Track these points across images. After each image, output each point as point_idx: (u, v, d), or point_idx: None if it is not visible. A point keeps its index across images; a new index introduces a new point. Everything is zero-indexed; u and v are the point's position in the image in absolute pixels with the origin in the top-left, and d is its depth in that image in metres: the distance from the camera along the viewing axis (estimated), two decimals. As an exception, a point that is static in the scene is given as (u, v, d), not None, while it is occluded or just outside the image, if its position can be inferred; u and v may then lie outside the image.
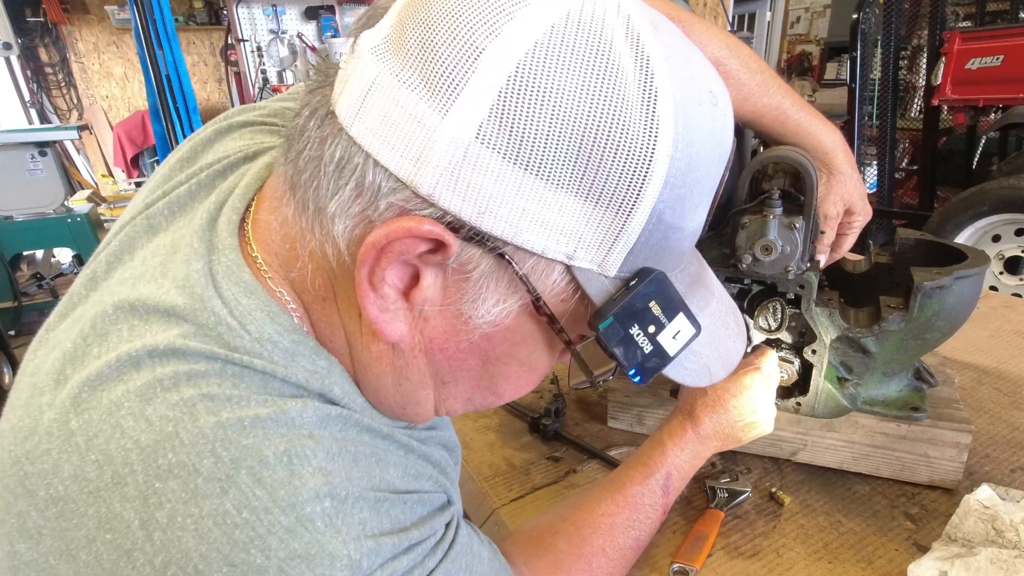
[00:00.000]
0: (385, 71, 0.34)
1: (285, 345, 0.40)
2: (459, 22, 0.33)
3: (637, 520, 0.64)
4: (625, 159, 0.34)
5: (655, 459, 0.67)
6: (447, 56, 0.33)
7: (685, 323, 0.41)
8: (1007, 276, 2.73)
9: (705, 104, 0.37)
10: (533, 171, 0.33)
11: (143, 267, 0.43)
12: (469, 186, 0.34)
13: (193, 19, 5.65)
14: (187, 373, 0.37)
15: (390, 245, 0.35)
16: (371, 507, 0.38)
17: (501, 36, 0.33)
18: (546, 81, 0.33)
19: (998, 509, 0.67)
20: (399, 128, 0.34)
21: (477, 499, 0.83)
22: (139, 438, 0.35)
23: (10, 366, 2.52)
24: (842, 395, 0.76)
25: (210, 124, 0.54)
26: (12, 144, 3.22)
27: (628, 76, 0.33)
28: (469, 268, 0.37)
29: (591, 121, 0.33)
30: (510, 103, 0.33)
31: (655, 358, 0.41)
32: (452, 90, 0.33)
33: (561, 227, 0.35)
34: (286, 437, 0.36)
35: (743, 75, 0.70)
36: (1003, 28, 3.20)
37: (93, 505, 0.34)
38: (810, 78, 6.21)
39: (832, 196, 0.74)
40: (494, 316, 0.39)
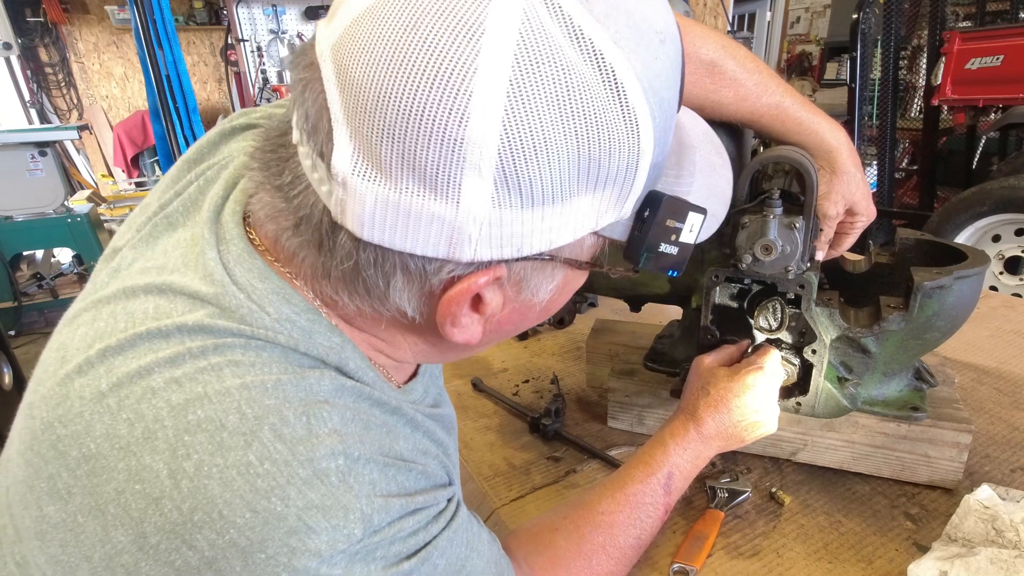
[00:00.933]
0: (382, 190, 0.35)
1: (302, 324, 0.43)
2: (424, 121, 0.33)
3: (638, 519, 0.64)
4: (619, 153, 0.37)
5: (657, 458, 0.67)
6: (432, 159, 0.34)
7: (695, 216, 0.45)
8: (1007, 276, 2.73)
9: (659, 53, 0.38)
10: (549, 202, 0.37)
11: (165, 258, 0.45)
12: (502, 239, 0.37)
13: (193, 19, 5.66)
14: (214, 345, 0.40)
15: (457, 303, 0.40)
16: (380, 470, 0.41)
17: (471, 118, 0.33)
18: (531, 136, 0.34)
19: (998, 509, 0.67)
20: (421, 229, 0.36)
21: (477, 499, 0.83)
22: (169, 397, 0.37)
23: (10, 366, 2.51)
24: (842, 395, 0.76)
25: (214, 128, 0.57)
26: (12, 144, 3.22)
27: (595, 87, 0.35)
28: (521, 276, 0.41)
29: (582, 144, 0.35)
30: (509, 169, 0.35)
31: (682, 253, 0.46)
32: (453, 183, 0.35)
33: (584, 216, 0.39)
34: (304, 401, 0.39)
35: (740, 75, 0.70)
36: (1003, 28, 3.20)
37: (123, 459, 0.36)
38: (810, 78, 6.22)
39: (833, 195, 0.74)
40: (550, 293, 0.44)
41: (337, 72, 0.36)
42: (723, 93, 0.70)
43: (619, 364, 0.94)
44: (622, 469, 0.68)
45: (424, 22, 0.33)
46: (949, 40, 3.14)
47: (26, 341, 3.22)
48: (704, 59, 0.68)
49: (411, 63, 0.33)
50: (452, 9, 0.33)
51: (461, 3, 0.33)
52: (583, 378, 1.08)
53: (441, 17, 0.33)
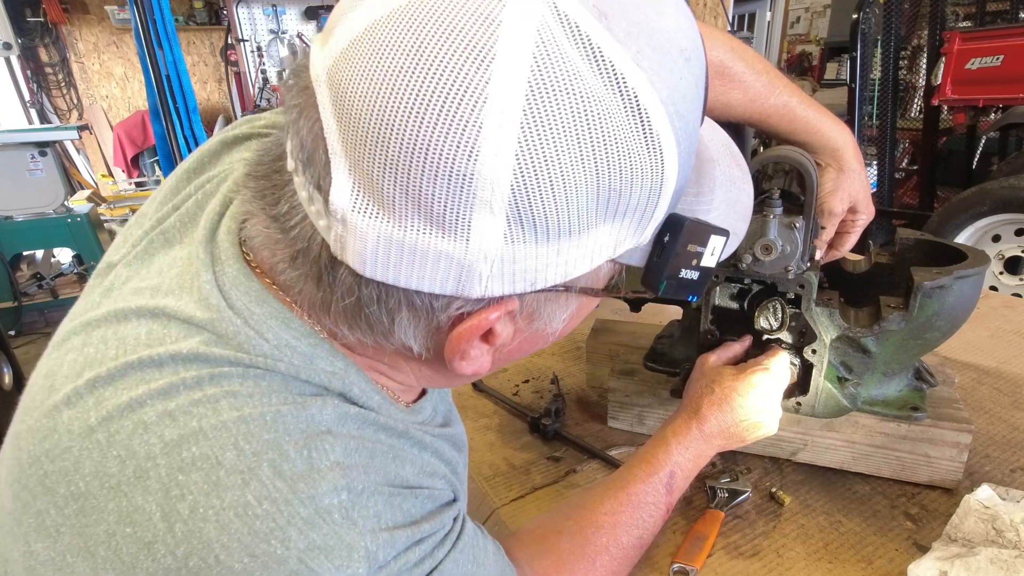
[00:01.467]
0: (385, 227, 0.33)
1: (303, 349, 0.41)
2: (430, 156, 0.31)
3: (640, 519, 0.64)
4: (642, 183, 0.34)
5: (659, 457, 0.67)
6: (440, 195, 0.31)
7: (716, 239, 0.42)
8: (1007, 276, 2.73)
9: (684, 73, 0.35)
10: (566, 235, 0.34)
11: (159, 278, 0.43)
12: (515, 274, 0.35)
13: (193, 19, 5.65)
14: (210, 375, 0.37)
15: (467, 339, 0.38)
16: (385, 501, 0.39)
17: (482, 152, 0.30)
18: (547, 169, 0.31)
19: (998, 509, 0.67)
20: (428, 266, 0.34)
21: (477, 499, 0.83)
22: (163, 433, 0.35)
23: (10, 366, 2.51)
24: (842, 395, 0.76)
25: (216, 136, 0.55)
26: (12, 144, 3.22)
27: (616, 114, 0.32)
28: (534, 308, 0.39)
29: (602, 176, 0.33)
30: (524, 204, 0.32)
31: (702, 278, 0.43)
32: (462, 222, 0.32)
33: (602, 246, 0.36)
34: (306, 433, 0.37)
35: (749, 77, 0.70)
36: (1003, 28, 3.20)
37: (114, 500, 0.35)
38: (810, 78, 6.22)
39: (840, 193, 0.74)
40: (563, 322, 0.42)
41: (334, 100, 0.33)
42: (732, 95, 0.70)
43: (619, 364, 0.94)
44: (624, 468, 0.68)
45: (429, 46, 0.30)
46: (949, 40, 3.14)
47: (26, 341, 3.22)
48: (713, 61, 0.68)
49: (415, 92, 0.30)
50: (459, 32, 0.30)
51: (469, 25, 0.30)
52: (583, 378, 1.08)
53: (447, 41, 0.30)
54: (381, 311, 0.37)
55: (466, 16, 0.30)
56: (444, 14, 0.31)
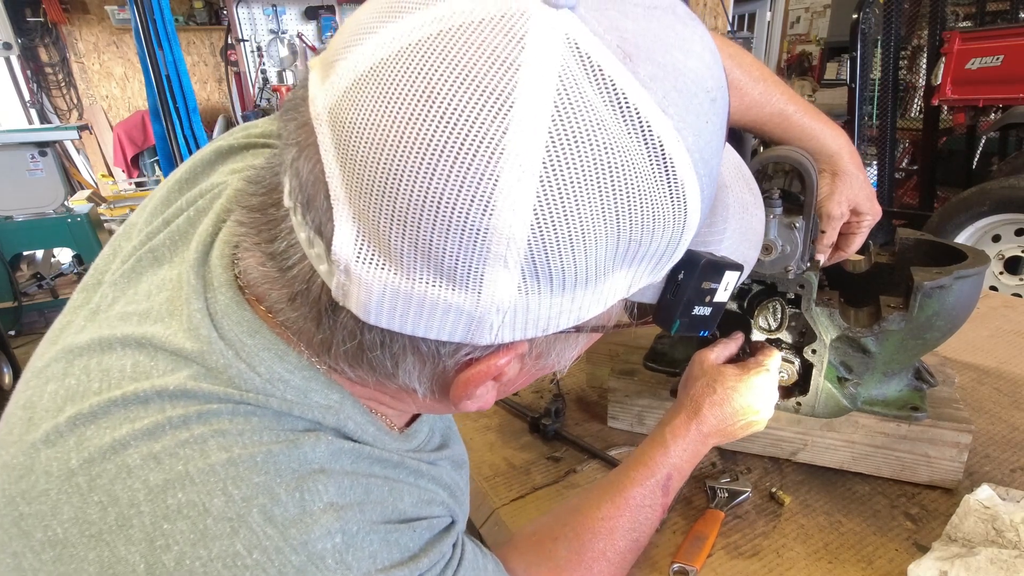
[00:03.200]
0: (392, 278, 0.31)
1: (296, 383, 0.39)
2: (441, 210, 0.29)
3: (637, 522, 0.64)
4: (663, 232, 0.33)
5: (657, 460, 0.67)
6: (451, 250, 0.30)
7: (731, 274, 0.41)
8: (1007, 276, 2.73)
9: (710, 116, 0.33)
10: (582, 285, 0.33)
11: (148, 303, 0.41)
12: (527, 323, 0.34)
13: (193, 19, 5.65)
14: (198, 412, 0.36)
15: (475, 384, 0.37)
16: (381, 539, 0.38)
17: (497, 207, 0.29)
18: (566, 223, 0.30)
19: (998, 509, 0.67)
20: (436, 318, 0.32)
21: (477, 499, 0.83)
22: (147, 477, 0.34)
23: (10, 366, 2.51)
24: (842, 395, 0.76)
25: (210, 145, 0.53)
26: (12, 144, 3.22)
27: (640, 164, 0.30)
28: (543, 349, 0.38)
29: (623, 227, 0.31)
30: (540, 259, 0.30)
31: (715, 312, 0.42)
32: (475, 276, 0.31)
33: (616, 289, 0.35)
34: (298, 473, 0.36)
35: (747, 84, 0.70)
36: (1003, 28, 3.21)
37: (95, 549, 0.33)
38: (810, 78, 6.21)
39: (836, 196, 0.74)
40: (571, 360, 0.42)
41: (336, 143, 0.31)
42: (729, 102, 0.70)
43: (619, 364, 0.94)
44: (621, 471, 0.67)
45: (442, 92, 0.28)
46: (949, 40, 3.14)
47: (26, 341, 3.22)
48: None
49: (426, 142, 0.28)
50: (475, 76, 0.28)
51: (486, 69, 0.28)
52: (583, 378, 1.08)
53: (462, 86, 0.28)
54: (385, 356, 0.36)
55: (482, 59, 0.28)
56: (458, 56, 0.28)
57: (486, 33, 0.28)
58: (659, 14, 0.32)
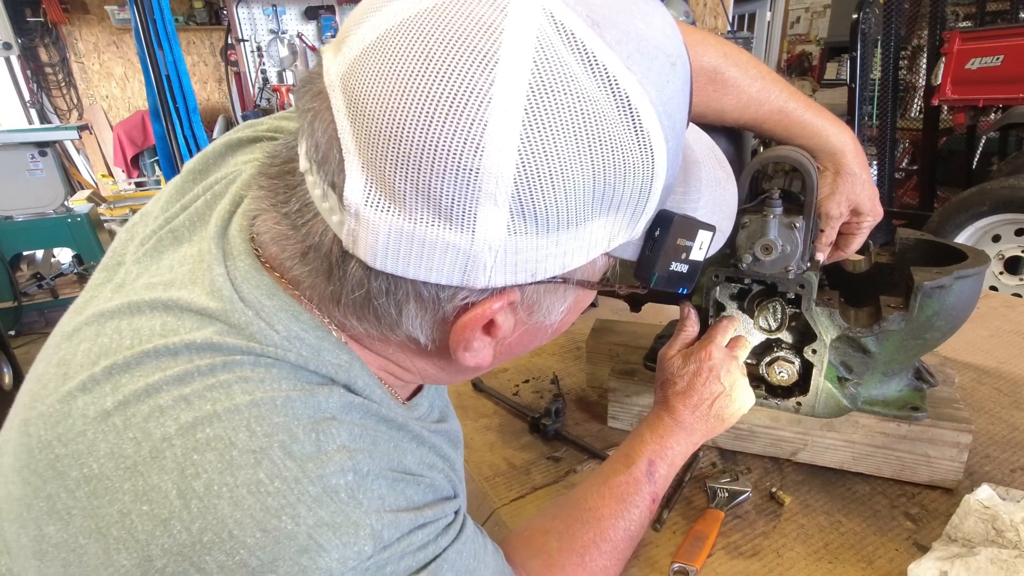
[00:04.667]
0: (396, 220, 0.35)
1: (311, 341, 0.42)
2: (439, 152, 0.33)
3: (625, 510, 0.64)
4: (634, 177, 0.37)
5: (635, 448, 0.68)
6: (448, 189, 0.34)
7: (704, 234, 0.45)
8: (1007, 276, 2.74)
9: (671, 76, 0.38)
10: (564, 227, 0.37)
11: (171, 274, 0.45)
12: (516, 265, 0.37)
13: (193, 19, 5.66)
14: (223, 362, 0.39)
15: (471, 328, 0.40)
16: (389, 485, 0.41)
17: (487, 148, 0.33)
18: (547, 164, 0.34)
19: (998, 509, 0.67)
20: (436, 258, 0.36)
21: (477, 499, 0.83)
22: (178, 416, 0.37)
23: (10, 366, 2.51)
24: (842, 395, 0.76)
25: (219, 139, 0.56)
26: (12, 144, 3.22)
27: (609, 113, 0.35)
28: (533, 300, 0.42)
29: (597, 170, 0.35)
30: (526, 197, 0.34)
31: (692, 270, 0.46)
32: (469, 214, 0.35)
33: (597, 239, 0.39)
34: (313, 418, 0.39)
35: (743, 82, 0.69)
36: (1003, 28, 3.21)
37: (129, 480, 0.36)
38: (810, 78, 6.22)
39: (837, 196, 0.74)
40: (561, 314, 0.44)
41: (348, 103, 0.35)
42: (725, 100, 0.70)
43: (619, 364, 0.94)
44: (604, 464, 0.69)
45: (437, 53, 0.33)
46: (949, 40, 3.14)
47: (26, 341, 3.22)
48: (706, 67, 0.68)
49: (425, 94, 0.33)
50: (465, 39, 0.33)
51: (474, 33, 0.33)
52: (583, 378, 1.08)
53: (454, 47, 0.33)
54: (390, 303, 0.39)
55: (471, 25, 0.33)
56: (451, 24, 0.33)
57: (474, 5, 0.34)
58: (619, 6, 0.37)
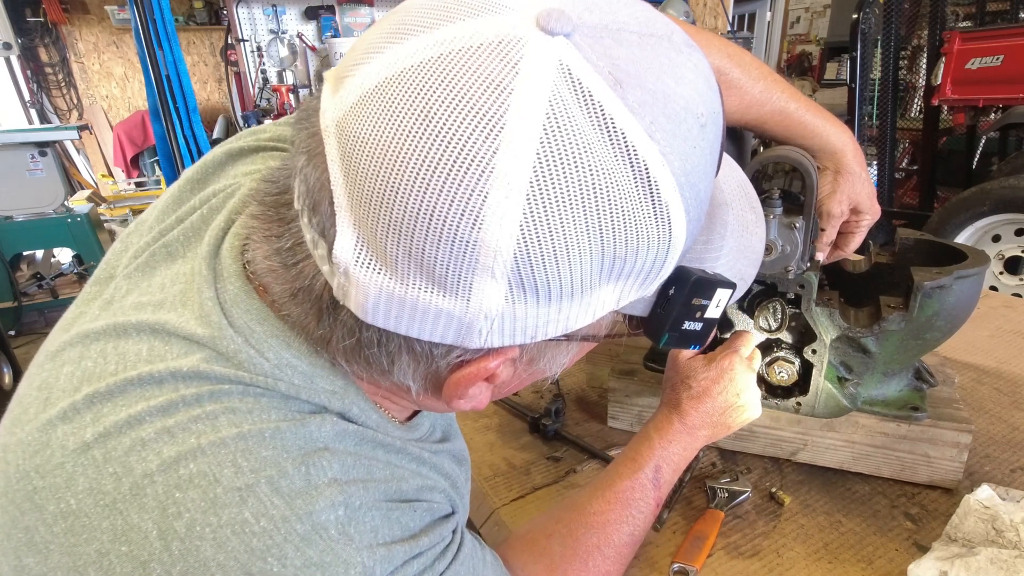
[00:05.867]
0: (387, 282, 0.33)
1: (303, 368, 0.41)
2: (434, 222, 0.31)
3: (629, 515, 0.64)
4: (648, 251, 0.34)
5: (643, 453, 0.67)
6: (442, 259, 0.32)
7: (723, 292, 0.42)
8: (1007, 276, 2.73)
9: (698, 141, 0.34)
10: (568, 297, 0.34)
11: (162, 294, 0.43)
12: (515, 330, 0.35)
13: (193, 19, 5.65)
14: (210, 391, 0.38)
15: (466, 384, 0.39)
16: (383, 516, 0.39)
17: (485, 221, 0.30)
18: (551, 240, 0.31)
19: (998, 509, 0.67)
20: (428, 321, 0.34)
21: (477, 499, 0.83)
22: (160, 450, 0.35)
23: (10, 366, 2.51)
24: (842, 395, 0.76)
25: (220, 147, 0.54)
26: (12, 144, 3.22)
27: (625, 186, 0.32)
28: (534, 355, 0.40)
29: (607, 245, 0.33)
30: (526, 272, 0.32)
31: (707, 328, 0.43)
32: (464, 284, 0.32)
33: (604, 302, 0.37)
34: (303, 450, 0.37)
35: (746, 83, 0.69)
36: (1003, 28, 3.20)
37: (108, 518, 0.34)
38: (810, 78, 6.21)
39: (838, 195, 0.74)
40: (563, 365, 0.43)
41: (342, 154, 0.33)
42: (729, 101, 0.69)
43: (619, 364, 0.94)
44: (610, 467, 0.68)
45: (438, 113, 0.30)
46: (949, 40, 3.14)
47: (26, 341, 3.22)
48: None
49: (421, 158, 0.30)
50: (469, 99, 0.30)
51: (480, 93, 0.30)
52: (583, 378, 1.08)
53: (457, 108, 0.30)
54: (381, 353, 0.38)
55: (478, 82, 0.30)
56: (456, 79, 0.30)
57: (483, 58, 0.30)
58: (654, 42, 0.34)
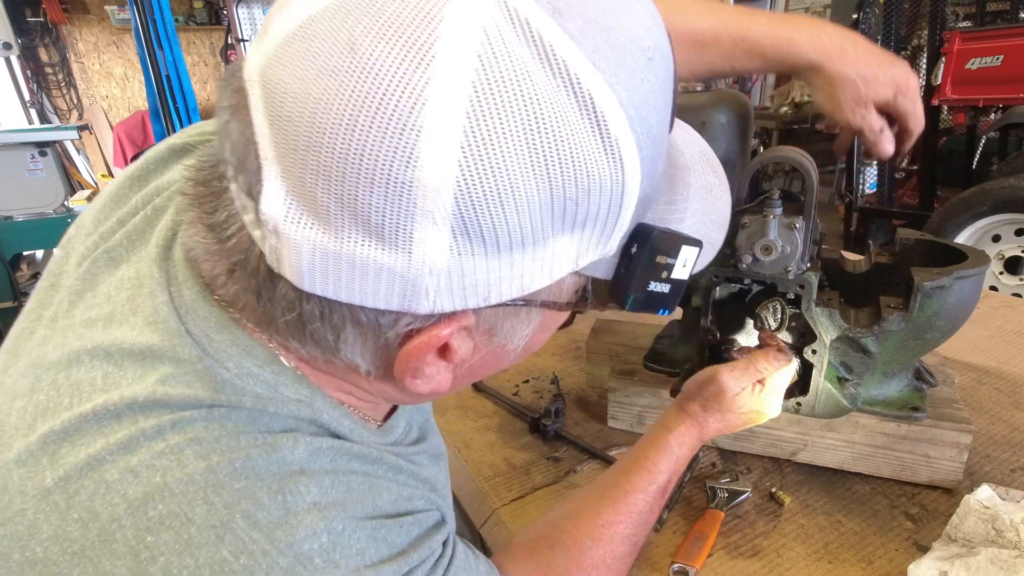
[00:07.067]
0: (320, 238, 0.30)
1: (266, 377, 0.38)
2: (365, 162, 0.28)
3: (638, 527, 0.62)
4: (601, 191, 0.32)
5: (661, 466, 0.65)
6: (377, 205, 0.29)
7: (688, 250, 0.40)
8: (1007, 276, 2.74)
9: (646, 74, 0.32)
10: (519, 248, 0.32)
11: (110, 305, 0.40)
12: (465, 288, 0.32)
13: (193, 19, 5.65)
14: (171, 421, 0.35)
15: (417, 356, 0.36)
16: (368, 535, 0.37)
17: (421, 159, 0.28)
18: (494, 178, 0.29)
19: (998, 509, 0.67)
20: (369, 281, 0.31)
21: (477, 499, 0.83)
22: (126, 491, 0.33)
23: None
24: (842, 395, 0.76)
25: (164, 141, 0.51)
26: (12, 144, 3.22)
27: (570, 118, 0.30)
28: (491, 323, 0.37)
29: (555, 184, 0.30)
30: (469, 216, 0.29)
31: (674, 290, 0.41)
32: (403, 233, 0.30)
33: (561, 258, 0.34)
34: (278, 475, 0.35)
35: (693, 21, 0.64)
36: (1003, 28, 3.20)
37: (78, 566, 0.32)
38: (810, 78, 6.20)
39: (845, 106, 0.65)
40: (526, 338, 0.40)
41: (266, 101, 0.30)
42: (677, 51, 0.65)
43: (619, 364, 0.94)
44: (621, 474, 0.65)
45: (364, 44, 0.28)
46: (949, 40, 3.14)
47: (26, 341, 3.22)
48: None
49: (348, 93, 0.28)
50: (397, 28, 0.28)
51: (408, 21, 0.28)
52: (583, 378, 1.08)
53: (384, 37, 0.28)
54: (325, 327, 0.35)
55: (405, 10, 0.28)
56: (381, 8, 0.28)
57: None
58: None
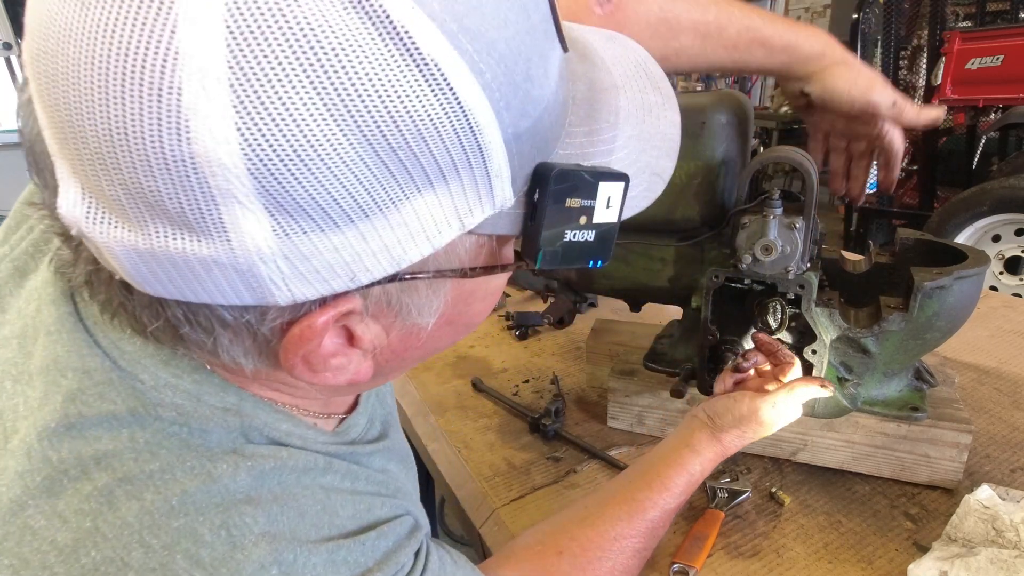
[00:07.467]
0: (127, 236, 0.26)
1: (186, 387, 0.35)
2: (132, 141, 0.24)
3: (649, 541, 0.61)
4: (437, 133, 0.26)
5: (682, 487, 0.64)
6: (166, 190, 0.25)
7: (610, 185, 0.34)
8: (1007, 276, 2.74)
9: None
10: (360, 217, 0.26)
11: (21, 321, 0.38)
12: (318, 271, 0.27)
13: (193, 19, 5.66)
14: (93, 456, 0.32)
15: (304, 352, 0.32)
16: (326, 560, 0.35)
17: (192, 129, 0.23)
18: (285, 139, 0.24)
19: (998, 509, 0.67)
20: (200, 277, 0.27)
21: (477, 499, 0.83)
22: (55, 538, 0.30)
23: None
24: (842, 395, 0.76)
25: None
26: (12, 144, 3.22)
27: (363, 41, 0.23)
28: (386, 303, 0.32)
29: (369, 133, 0.25)
30: (274, 188, 0.24)
31: (603, 236, 0.35)
32: (210, 219, 0.25)
33: (433, 220, 0.28)
34: (220, 507, 0.32)
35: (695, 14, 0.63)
36: (1003, 28, 3.20)
37: None
38: (810, 78, 6.21)
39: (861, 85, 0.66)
40: (438, 312, 0.35)
41: (39, 89, 0.26)
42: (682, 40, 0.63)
43: (619, 364, 0.94)
44: (639, 488, 0.63)
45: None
46: (949, 40, 3.15)
47: (26, 341, 3.22)
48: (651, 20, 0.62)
49: (89, 60, 0.23)
50: None
51: None
52: (583, 378, 1.08)
53: None
54: (196, 331, 0.31)
55: None
56: None
57: None
58: None
